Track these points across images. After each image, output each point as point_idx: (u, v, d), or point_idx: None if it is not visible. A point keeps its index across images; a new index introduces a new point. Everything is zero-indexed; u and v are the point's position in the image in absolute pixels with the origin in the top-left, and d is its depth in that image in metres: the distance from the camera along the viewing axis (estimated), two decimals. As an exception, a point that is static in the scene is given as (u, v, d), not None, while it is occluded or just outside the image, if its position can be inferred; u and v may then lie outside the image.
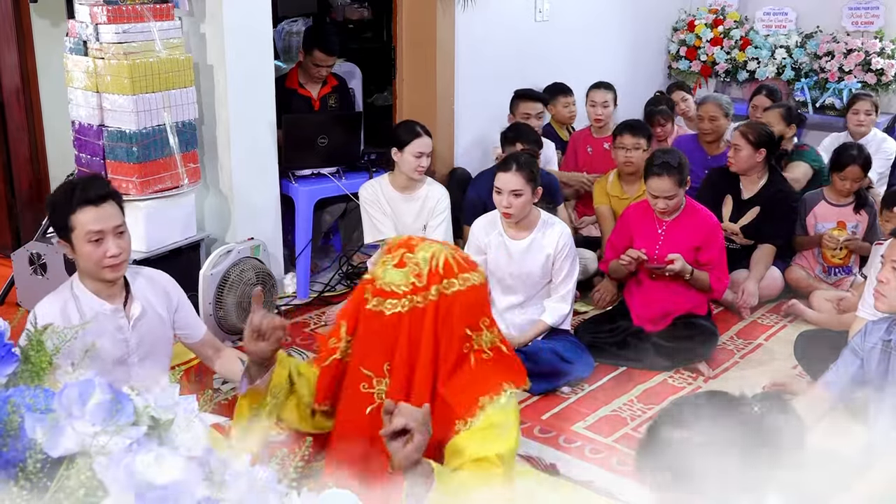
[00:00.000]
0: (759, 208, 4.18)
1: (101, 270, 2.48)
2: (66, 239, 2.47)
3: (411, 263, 2.02)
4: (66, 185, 2.57)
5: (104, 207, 2.47)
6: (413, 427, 1.77)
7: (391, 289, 2.02)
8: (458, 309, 2.02)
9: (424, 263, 2.01)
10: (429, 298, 2.00)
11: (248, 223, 3.93)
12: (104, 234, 2.44)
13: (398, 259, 2.04)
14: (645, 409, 3.24)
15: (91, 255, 2.45)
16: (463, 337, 2.05)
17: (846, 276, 4.17)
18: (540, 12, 5.26)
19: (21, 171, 4.49)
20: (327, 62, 4.44)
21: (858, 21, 6.01)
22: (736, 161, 4.17)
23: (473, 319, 2.05)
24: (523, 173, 3.32)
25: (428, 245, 2.06)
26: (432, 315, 2.01)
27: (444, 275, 2.01)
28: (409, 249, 2.05)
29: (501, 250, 3.47)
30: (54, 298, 2.54)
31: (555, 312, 3.46)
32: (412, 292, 2.00)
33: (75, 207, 2.43)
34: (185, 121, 3.58)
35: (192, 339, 2.82)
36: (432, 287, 2.01)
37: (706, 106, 4.80)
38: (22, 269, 3.77)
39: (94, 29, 3.37)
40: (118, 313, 2.57)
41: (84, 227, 2.43)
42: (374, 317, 2.03)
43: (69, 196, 2.46)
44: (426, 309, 2.00)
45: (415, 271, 2.01)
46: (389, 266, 2.03)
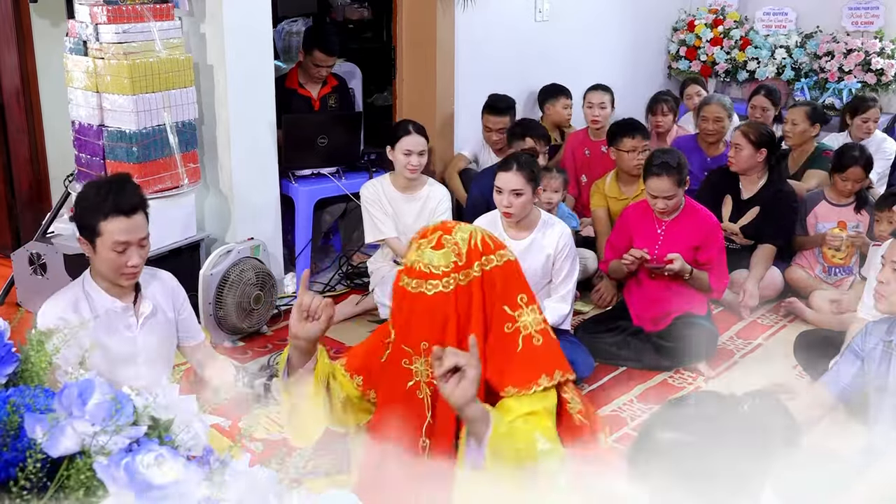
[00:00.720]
0: (758, 208, 4.18)
1: (118, 277, 2.51)
2: (90, 240, 2.46)
3: (450, 244, 2.06)
4: (97, 187, 2.51)
5: (134, 218, 2.47)
6: (464, 363, 1.81)
7: (430, 270, 2.05)
8: (501, 283, 2.08)
9: (463, 243, 2.07)
10: (472, 275, 2.06)
11: (248, 223, 3.93)
12: (129, 245, 2.46)
13: (436, 241, 2.07)
14: (645, 409, 3.24)
15: (112, 263, 2.47)
16: (503, 315, 2.09)
17: (846, 276, 4.17)
18: (540, 12, 5.26)
19: (21, 171, 4.49)
20: (327, 62, 4.44)
21: (858, 21, 6.01)
22: (737, 161, 4.17)
23: (513, 294, 2.10)
24: (524, 173, 3.32)
25: (464, 227, 2.12)
26: (478, 291, 2.06)
27: (484, 251, 2.07)
28: (447, 231, 2.10)
29: None
30: (66, 294, 2.55)
31: (555, 312, 3.45)
32: (454, 271, 2.05)
33: (107, 215, 2.42)
34: (185, 121, 3.58)
35: (189, 342, 2.83)
36: (475, 264, 2.06)
37: (711, 107, 4.79)
38: (22, 269, 3.77)
39: (94, 29, 3.37)
40: (128, 311, 2.59)
41: (112, 237, 2.43)
42: (416, 297, 2.06)
43: (101, 201, 2.43)
44: (472, 285, 2.06)
45: (455, 251, 2.05)
46: (427, 248, 2.06)
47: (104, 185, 2.52)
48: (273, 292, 3.80)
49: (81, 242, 2.51)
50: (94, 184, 2.58)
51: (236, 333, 3.70)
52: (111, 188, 2.49)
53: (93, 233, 2.45)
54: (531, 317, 2.12)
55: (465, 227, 2.12)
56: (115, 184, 2.53)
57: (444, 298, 2.05)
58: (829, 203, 4.22)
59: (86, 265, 2.60)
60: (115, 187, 2.50)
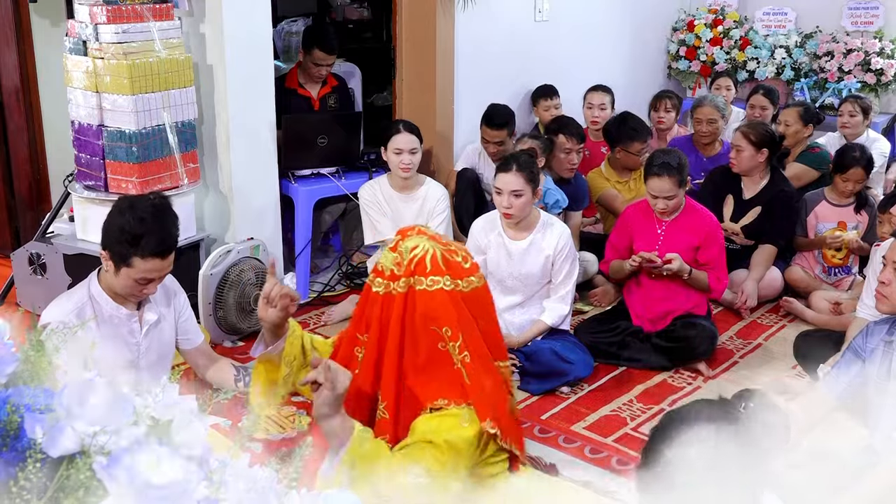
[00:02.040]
0: (760, 208, 4.18)
1: (130, 297, 2.54)
2: (116, 264, 2.45)
3: (399, 250, 2.16)
4: (141, 222, 2.43)
5: (167, 259, 2.49)
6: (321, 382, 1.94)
7: (381, 267, 2.18)
8: (421, 308, 2.14)
9: (406, 254, 2.14)
10: (398, 290, 2.14)
11: (248, 223, 3.93)
12: (153, 280, 2.49)
13: (394, 243, 2.19)
14: (645, 409, 3.24)
15: (131, 288, 2.49)
16: (433, 335, 2.15)
17: (846, 276, 4.17)
18: (540, 12, 5.25)
19: (21, 171, 4.49)
20: (327, 61, 4.43)
21: (858, 21, 6.01)
22: (738, 162, 4.17)
23: (433, 323, 2.15)
24: (524, 174, 3.32)
25: (419, 238, 2.18)
26: (399, 306, 2.13)
27: (415, 271, 2.13)
28: (404, 236, 2.19)
29: (501, 251, 3.47)
30: (72, 298, 2.55)
31: (554, 313, 3.45)
32: (391, 278, 2.15)
33: (145, 254, 2.42)
34: (185, 121, 3.58)
35: (189, 345, 2.83)
36: (402, 279, 2.14)
37: (704, 109, 4.78)
38: (21, 269, 3.77)
39: (94, 29, 3.37)
40: (132, 318, 2.60)
41: (140, 272, 2.45)
42: (366, 289, 2.21)
43: (141, 237, 2.40)
44: (396, 298, 2.14)
45: (397, 259, 2.14)
46: (387, 247, 2.19)
47: (147, 221, 2.44)
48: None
49: (104, 258, 2.49)
50: (135, 211, 2.47)
51: (236, 333, 3.70)
52: (155, 222, 2.44)
53: (122, 260, 2.44)
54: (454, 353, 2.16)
55: (419, 238, 2.18)
56: (156, 218, 2.46)
57: (375, 298, 2.17)
58: (829, 203, 4.22)
59: (86, 266, 2.61)
60: (158, 225, 2.45)
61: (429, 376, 2.14)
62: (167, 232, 2.49)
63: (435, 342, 2.14)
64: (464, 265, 2.19)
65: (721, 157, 4.65)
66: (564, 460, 2.86)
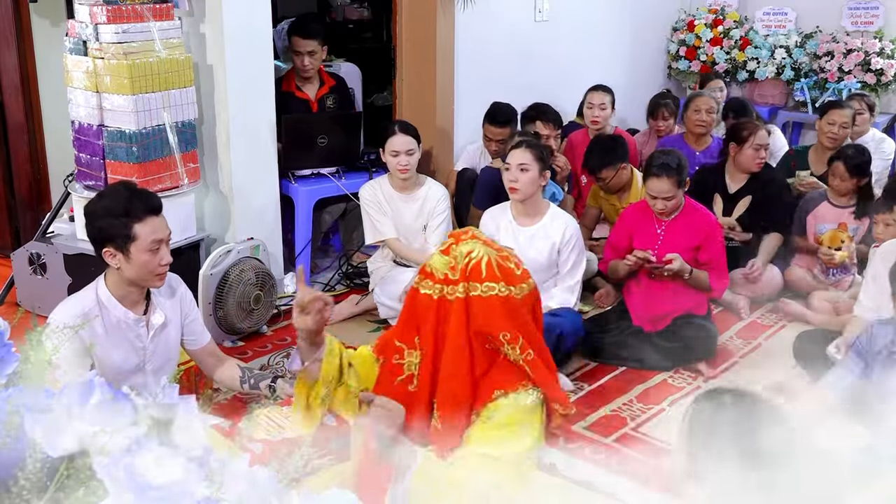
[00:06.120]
0: (750, 197, 4.24)
1: (153, 278, 2.53)
2: (122, 249, 2.46)
3: (453, 254, 2.13)
4: (114, 197, 2.50)
5: (161, 217, 2.52)
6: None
7: (431, 270, 2.15)
8: (476, 315, 2.13)
9: (462, 258, 2.12)
10: (456, 294, 2.12)
11: (248, 223, 3.93)
12: (161, 243, 2.49)
13: (446, 246, 2.17)
14: (645, 408, 3.24)
15: (147, 264, 2.48)
16: (490, 342, 2.15)
17: (845, 276, 4.17)
18: (540, 12, 5.25)
19: (21, 171, 4.49)
20: (307, 47, 4.33)
21: (858, 21, 6.01)
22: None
23: (489, 329, 2.14)
24: (532, 151, 3.39)
25: (473, 242, 2.16)
26: (458, 311, 2.12)
27: (471, 277, 2.12)
28: (457, 240, 2.17)
29: (509, 236, 3.51)
30: (80, 302, 2.54)
31: (560, 299, 3.48)
32: (444, 282, 2.12)
33: (141, 218, 2.44)
34: (185, 121, 3.58)
35: (195, 345, 2.83)
36: (460, 284, 2.12)
37: (702, 99, 4.89)
38: (22, 269, 3.77)
39: (94, 29, 3.37)
40: (139, 323, 2.59)
41: (147, 238, 2.45)
42: (413, 292, 2.17)
43: (128, 205, 2.45)
44: (453, 304, 2.12)
45: (451, 263, 2.12)
46: (438, 250, 2.18)
47: (123, 193, 2.51)
48: (273, 292, 3.80)
49: (109, 255, 2.47)
50: (109, 195, 2.54)
51: (236, 333, 3.70)
52: (132, 194, 2.50)
53: (126, 239, 2.44)
54: (511, 353, 2.16)
55: (473, 242, 2.16)
56: (132, 190, 2.54)
57: (428, 301, 2.14)
58: (829, 204, 4.22)
59: (86, 266, 2.60)
60: (135, 192, 2.51)
61: (490, 380, 2.16)
62: (145, 191, 2.56)
63: (493, 348, 2.15)
64: (516, 272, 2.18)
65: (713, 151, 4.78)
66: (564, 460, 2.85)
